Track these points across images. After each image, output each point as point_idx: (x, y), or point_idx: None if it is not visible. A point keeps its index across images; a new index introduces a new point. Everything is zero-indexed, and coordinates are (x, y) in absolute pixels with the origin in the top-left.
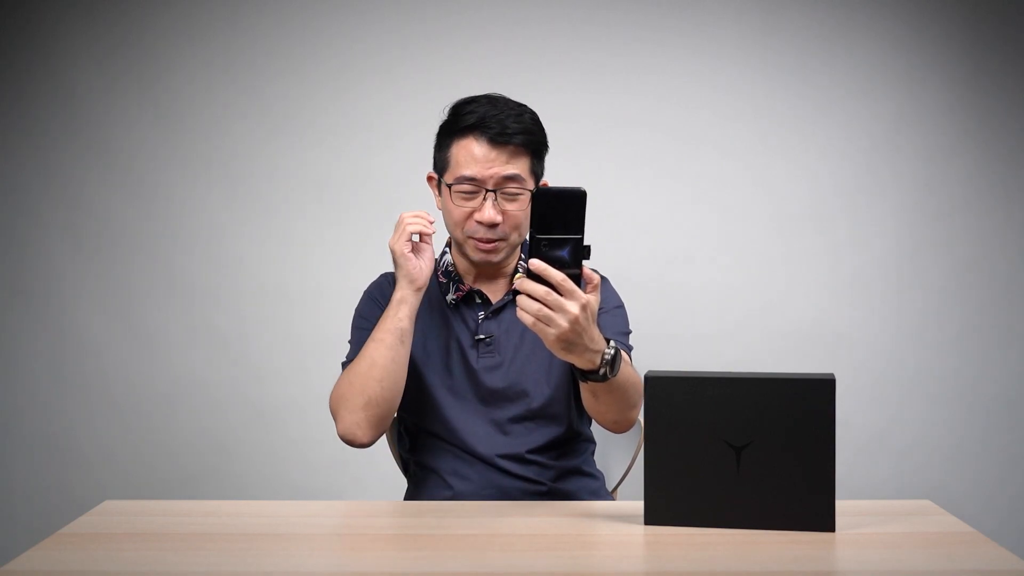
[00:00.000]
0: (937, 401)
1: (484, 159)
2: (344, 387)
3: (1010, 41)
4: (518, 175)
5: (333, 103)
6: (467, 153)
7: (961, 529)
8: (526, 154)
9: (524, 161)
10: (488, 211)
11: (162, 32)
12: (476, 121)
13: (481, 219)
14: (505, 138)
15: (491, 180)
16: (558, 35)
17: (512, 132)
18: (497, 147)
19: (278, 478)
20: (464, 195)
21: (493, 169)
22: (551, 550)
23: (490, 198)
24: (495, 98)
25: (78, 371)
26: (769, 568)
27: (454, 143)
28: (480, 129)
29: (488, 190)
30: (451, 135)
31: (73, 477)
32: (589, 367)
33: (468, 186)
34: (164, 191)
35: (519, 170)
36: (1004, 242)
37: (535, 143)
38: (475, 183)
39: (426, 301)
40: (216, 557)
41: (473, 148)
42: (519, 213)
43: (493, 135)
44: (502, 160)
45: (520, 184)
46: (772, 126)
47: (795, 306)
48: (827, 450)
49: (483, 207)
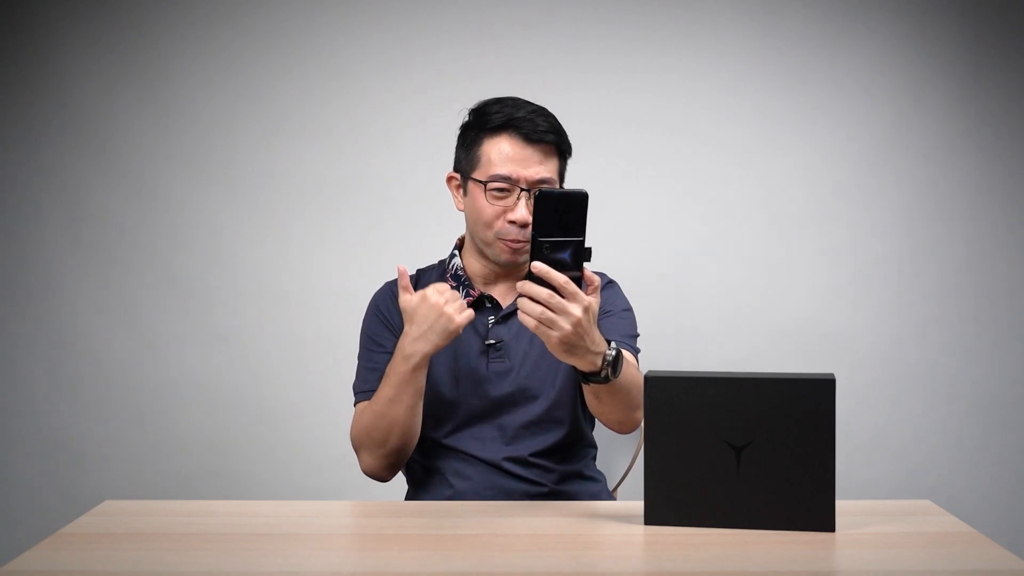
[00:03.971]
0: (937, 401)
1: (519, 157)
2: (364, 435)
3: (1010, 41)
4: (551, 178)
5: (332, 103)
6: (500, 151)
7: (961, 529)
8: (555, 154)
9: (554, 162)
10: (521, 211)
11: (162, 32)
12: (507, 120)
13: (515, 218)
14: (538, 135)
15: (525, 180)
16: (558, 35)
17: (543, 130)
18: (531, 145)
19: (278, 478)
20: (497, 193)
21: (530, 169)
22: (551, 550)
23: (524, 197)
24: (516, 99)
25: (78, 371)
26: (769, 568)
27: (485, 141)
28: (513, 127)
29: (522, 189)
30: (481, 132)
31: (73, 477)
32: (591, 369)
33: (503, 184)
34: (164, 191)
35: (551, 172)
36: (1004, 242)
37: (563, 143)
38: (510, 182)
39: None
40: (216, 557)
41: (506, 146)
42: None
43: (527, 132)
44: (536, 159)
45: (552, 186)
46: (772, 126)
47: (795, 306)
48: (827, 450)
49: (516, 207)
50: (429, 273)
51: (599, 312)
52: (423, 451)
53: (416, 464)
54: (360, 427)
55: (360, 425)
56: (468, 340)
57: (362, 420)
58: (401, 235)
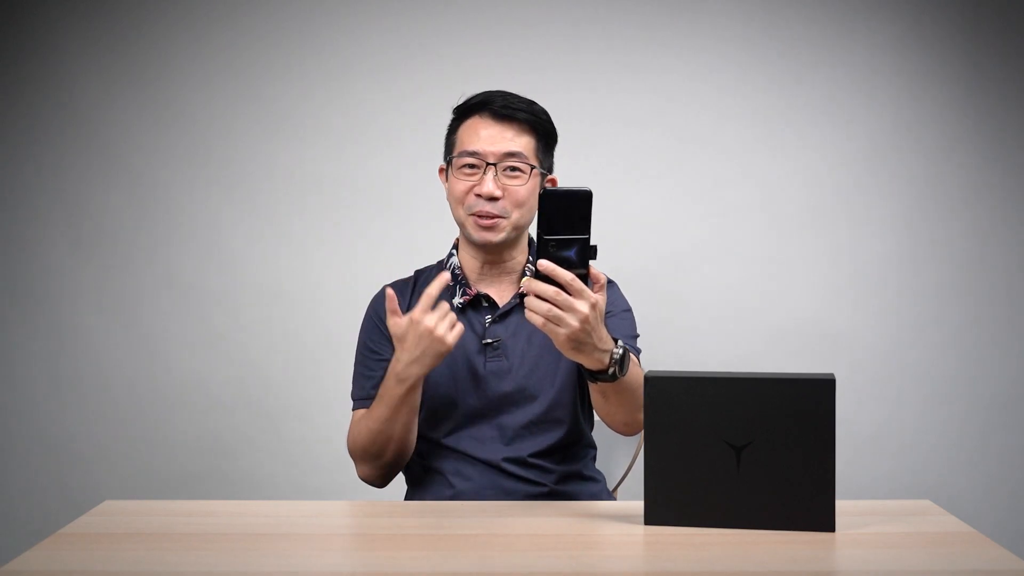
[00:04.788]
0: (937, 400)
1: (487, 135)
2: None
3: (1010, 41)
4: (520, 152)
5: (332, 103)
6: (472, 131)
7: (961, 529)
8: (530, 133)
9: (528, 140)
10: (488, 184)
11: (162, 32)
12: (482, 100)
13: (480, 191)
14: (509, 112)
15: (492, 154)
16: (558, 35)
17: (517, 108)
18: (501, 122)
19: (278, 478)
20: (466, 170)
21: (496, 145)
22: (551, 550)
23: (491, 172)
24: (505, 91)
25: (77, 371)
26: (769, 568)
27: (461, 124)
28: (486, 107)
29: (489, 163)
30: (459, 118)
31: (72, 477)
32: (599, 367)
33: (469, 159)
34: (163, 191)
35: (522, 148)
36: (1004, 242)
37: (541, 125)
38: (477, 156)
39: None
40: (216, 557)
41: (478, 126)
42: (521, 190)
43: (497, 108)
44: (506, 136)
45: (522, 160)
46: (772, 126)
47: (795, 306)
48: (827, 450)
49: (483, 181)
50: (428, 273)
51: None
52: (423, 451)
53: (416, 464)
54: (356, 439)
55: (356, 437)
56: (465, 339)
57: (358, 433)
58: (400, 235)
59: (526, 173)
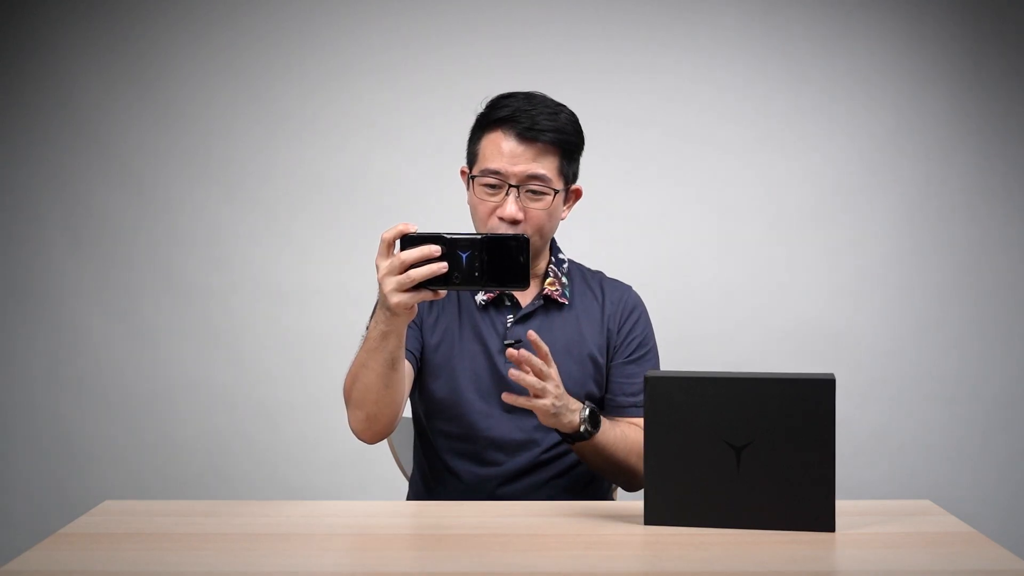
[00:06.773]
0: (937, 401)
1: (510, 154)
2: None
3: (1010, 41)
4: (544, 175)
5: (331, 102)
6: (494, 147)
7: (961, 529)
8: (555, 153)
9: (552, 160)
10: (510, 207)
11: (162, 32)
12: (508, 115)
13: (502, 215)
14: (534, 134)
15: (515, 176)
16: (559, 35)
17: (542, 129)
18: (525, 142)
19: (278, 478)
20: (488, 189)
21: (519, 166)
22: (551, 550)
23: (512, 194)
24: (533, 95)
25: (77, 370)
26: (769, 568)
27: (484, 136)
28: (510, 123)
29: (511, 185)
30: (483, 128)
31: (73, 477)
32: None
33: (491, 179)
34: (163, 191)
35: (545, 169)
36: (1004, 242)
37: (566, 143)
38: (499, 177)
39: (456, 302)
40: (216, 557)
41: (501, 142)
42: (542, 213)
43: (522, 130)
44: (528, 157)
45: (545, 184)
46: (773, 126)
47: (795, 306)
48: (827, 450)
49: (505, 203)
50: None
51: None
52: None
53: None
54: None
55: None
56: (488, 338)
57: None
58: None
59: (549, 195)
